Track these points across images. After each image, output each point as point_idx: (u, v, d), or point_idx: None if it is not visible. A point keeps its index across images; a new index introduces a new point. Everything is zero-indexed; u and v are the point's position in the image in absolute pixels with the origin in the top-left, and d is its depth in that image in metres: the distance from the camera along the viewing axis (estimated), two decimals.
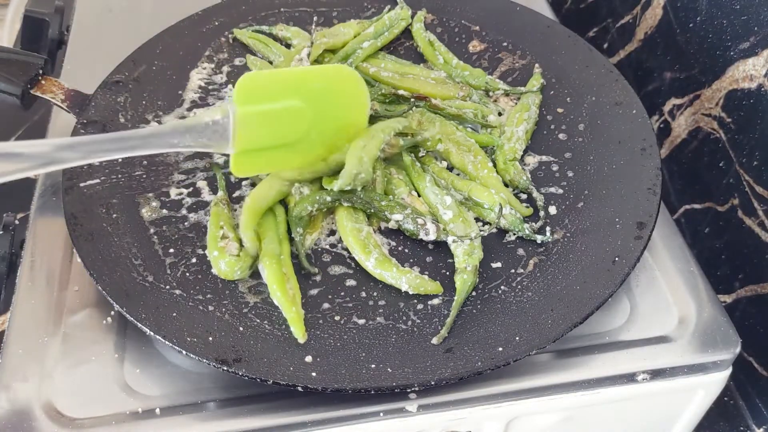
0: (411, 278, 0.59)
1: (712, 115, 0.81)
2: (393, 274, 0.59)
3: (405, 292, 0.59)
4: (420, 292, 0.59)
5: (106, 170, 0.66)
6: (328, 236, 0.63)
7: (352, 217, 0.62)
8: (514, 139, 0.70)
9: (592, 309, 0.57)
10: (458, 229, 0.62)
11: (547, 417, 0.61)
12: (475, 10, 0.85)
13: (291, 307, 0.57)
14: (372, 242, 0.61)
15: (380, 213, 0.63)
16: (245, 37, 0.80)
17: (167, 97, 0.74)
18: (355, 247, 0.61)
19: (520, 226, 0.63)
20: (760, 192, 0.74)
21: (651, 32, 0.91)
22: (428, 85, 0.75)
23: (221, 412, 0.55)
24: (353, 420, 0.55)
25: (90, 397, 0.55)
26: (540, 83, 0.76)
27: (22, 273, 0.63)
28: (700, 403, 0.63)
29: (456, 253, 0.61)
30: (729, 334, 0.61)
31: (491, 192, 0.64)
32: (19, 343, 0.58)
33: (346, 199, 0.62)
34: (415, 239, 0.63)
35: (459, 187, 0.66)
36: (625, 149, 0.69)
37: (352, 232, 0.61)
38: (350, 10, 0.85)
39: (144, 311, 0.56)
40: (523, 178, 0.67)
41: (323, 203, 0.62)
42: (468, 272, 0.59)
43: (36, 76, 0.71)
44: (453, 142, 0.69)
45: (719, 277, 0.81)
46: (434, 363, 0.54)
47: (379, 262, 0.60)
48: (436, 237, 0.62)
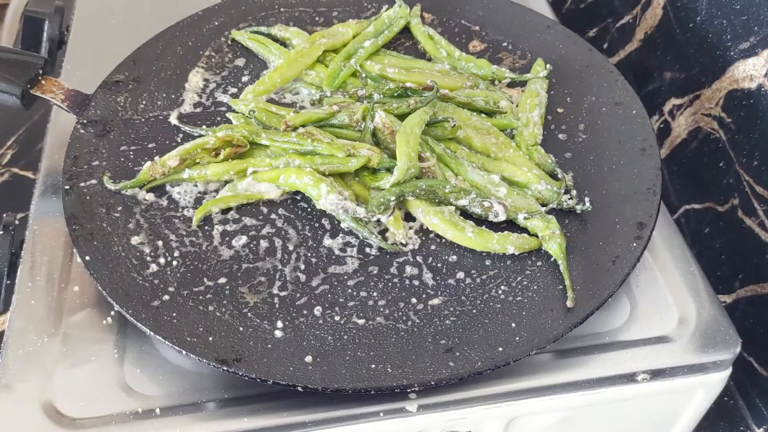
0: (514, 239, 0.61)
1: (712, 115, 0.81)
2: (497, 239, 0.61)
3: (405, 290, 0.59)
4: (525, 250, 0.62)
5: (107, 170, 0.67)
6: (328, 236, 0.63)
7: (426, 203, 0.63)
8: (532, 124, 0.71)
9: (592, 309, 0.57)
10: (518, 202, 0.63)
11: (547, 417, 0.61)
12: (475, 10, 0.85)
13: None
14: (459, 218, 0.63)
15: (446, 200, 0.63)
16: (244, 38, 0.80)
17: (167, 97, 0.74)
18: (446, 227, 0.62)
19: (559, 198, 0.64)
20: (760, 192, 0.74)
21: (651, 32, 0.91)
22: (435, 77, 0.75)
23: (221, 412, 0.55)
24: (353, 420, 0.55)
25: (90, 397, 0.55)
26: (546, 68, 0.76)
27: (22, 273, 0.63)
28: (700, 403, 0.63)
29: (532, 227, 0.63)
30: (729, 334, 0.61)
31: (524, 170, 0.66)
32: (19, 343, 0.58)
33: (410, 193, 0.63)
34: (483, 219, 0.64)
35: (491, 168, 0.67)
36: (625, 149, 0.69)
37: (437, 214, 0.62)
38: (350, 10, 0.85)
39: (144, 311, 0.56)
40: (549, 161, 0.68)
41: (387, 203, 0.62)
42: (558, 235, 0.61)
43: (36, 76, 0.71)
44: (471, 127, 0.69)
45: (719, 277, 0.81)
46: (434, 363, 0.54)
47: (477, 234, 0.61)
48: (506, 217, 0.63)
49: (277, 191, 0.65)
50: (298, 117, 0.68)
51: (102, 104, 0.72)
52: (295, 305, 0.58)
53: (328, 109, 0.69)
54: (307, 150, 0.65)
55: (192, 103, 0.74)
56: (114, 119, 0.71)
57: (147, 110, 0.73)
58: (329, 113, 0.68)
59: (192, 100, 0.74)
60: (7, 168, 1.00)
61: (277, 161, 0.66)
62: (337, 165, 0.65)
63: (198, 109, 0.74)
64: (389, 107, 0.68)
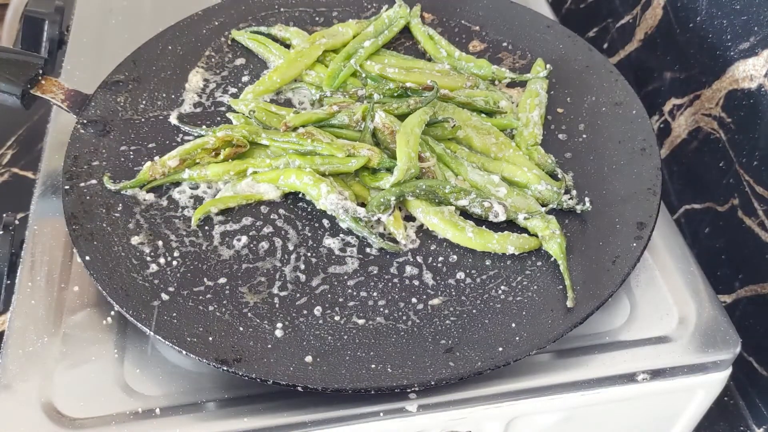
0: (514, 239, 0.61)
1: (712, 115, 0.81)
2: (497, 239, 0.61)
3: (405, 290, 0.59)
4: (525, 250, 0.62)
5: (107, 170, 0.67)
6: (328, 236, 0.63)
7: (426, 204, 0.63)
8: (531, 124, 0.71)
9: (592, 309, 0.57)
10: (518, 202, 0.64)
11: (547, 417, 0.61)
12: (475, 10, 0.85)
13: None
14: (459, 218, 0.63)
15: (445, 200, 0.63)
16: (244, 38, 0.80)
17: (167, 97, 0.74)
18: (446, 227, 0.62)
19: (559, 198, 0.64)
20: (760, 192, 0.74)
21: (651, 32, 0.91)
22: (435, 77, 0.75)
23: (221, 412, 0.55)
24: (353, 420, 0.55)
25: (90, 397, 0.55)
26: (546, 68, 0.76)
27: (22, 273, 0.63)
28: (700, 403, 0.63)
29: (532, 227, 0.63)
30: (729, 334, 0.61)
31: (524, 170, 0.66)
32: (19, 343, 0.58)
33: (410, 193, 0.63)
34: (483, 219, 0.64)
35: (491, 168, 0.67)
36: (625, 149, 0.69)
37: (437, 214, 0.63)
38: (350, 10, 0.85)
39: (144, 311, 0.56)
40: (549, 161, 0.68)
41: (388, 203, 0.62)
42: (558, 235, 0.61)
43: (36, 76, 0.71)
44: (471, 127, 0.69)
45: (719, 277, 0.81)
46: (434, 363, 0.54)
47: (477, 234, 0.62)
48: (506, 217, 0.63)
49: (277, 192, 0.65)
50: (298, 117, 0.68)
51: (102, 104, 0.72)
52: (295, 305, 0.58)
53: (328, 110, 0.69)
54: (307, 150, 0.65)
55: (192, 103, 0.74)
56: (114, 119, 0.71)
57: (147, 110, 0.73)
58: (329, 113, 0.68)
59: (192, 100, 0.74)
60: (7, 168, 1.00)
61: (277, 161, 0.66)
62: (337, 165, 0.65)
63: (198, 109, 0.74)
64: (389, 107, 0.68)
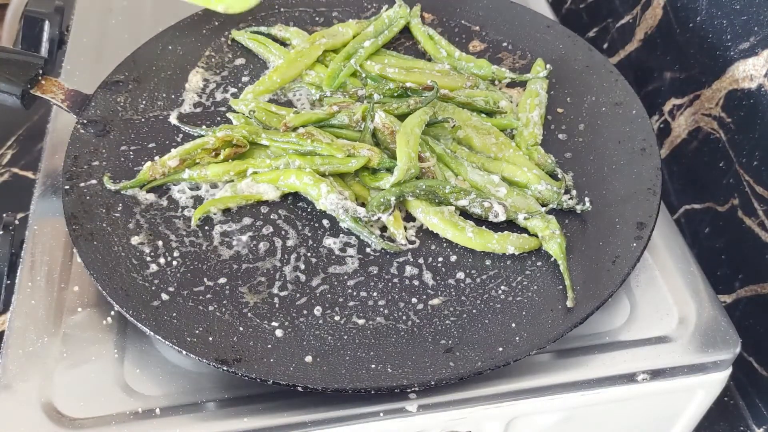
0: (514, 239, 0.62)
1: (712, 115, 0.81)
2: (497, 239, 0.61)
3: (405, 290, 0.59)
4: (525, 250, 0.62)
5: (107, 170, 0.67)
6: (328, 236, 0.63)
7: (426, 204, 0.63)
8: (531, 124, 0.71)
9: (592, 309, 0.57)
10: (518, 202, 0.64)
11: (547, 417, 0.61)
12: (475, 10, 0.85)
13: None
14: (459, 218, 0.63)
15: (445, 200, 0.63)
16: (244, 38, 0.80)
17: (167, 97, 0.74)
18: (446, 227, 0.62)
19: (559, 198, 0.64)
20: (760, 192, 0.74)
21: (651, 32, 0.91)
22: (435, 77, 0.75)
23: (221, 412, 0.55)
24: (353, 420, 0.55)
25: (90, 397, 0.55)
26: (546, 68, 0.76)
27: (22, 273, 0.63)
28: (700, 403, 0.63)
29: (532, 227, 0.63)
30: (729, 334, 0.61)
31: (524, 170, 0.66)
32: (19, 343, 0.58)
33: (410, 193, 0.63)
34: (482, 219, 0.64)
35: (491, 168, 0.67)
36: (625, 149, 0.69)
37: (437, 214, 0.63)
38: (350, 10, 0.85)
39: (144, 311, 0.56)
40: (549, 161, 0.68)
41: (388, 203, 0.62)
42: (558, 235, 0.61)
43: (36, 76, 0.71)
44: (471, 127, 0.69)
45: (719, 277, 0.81)
46: (434, 363, 0.54)
47: (477, 234, 0.62)
48: (506, 217, 0.63)
49: (276, 192, 0.65)
50: (298, 117, 0.68)
51: (102, 104, 0.72)
52: (295, 305, 0.58)
53: (328, 110, 0.69)
54: (307, 150, 0.65)
55: (192, 103, 0.74)
56: (114, 119, 0.71)
57: (147, 110, 0.73)
58: (329, 113, 0.68)
59: (192, 100, 0.74)
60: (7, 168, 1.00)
61: (277, 162, 0.66)
62: (337, 165, 0.65)
63: (198, 109, 0.74)
64: (389, 107, 0.68)
